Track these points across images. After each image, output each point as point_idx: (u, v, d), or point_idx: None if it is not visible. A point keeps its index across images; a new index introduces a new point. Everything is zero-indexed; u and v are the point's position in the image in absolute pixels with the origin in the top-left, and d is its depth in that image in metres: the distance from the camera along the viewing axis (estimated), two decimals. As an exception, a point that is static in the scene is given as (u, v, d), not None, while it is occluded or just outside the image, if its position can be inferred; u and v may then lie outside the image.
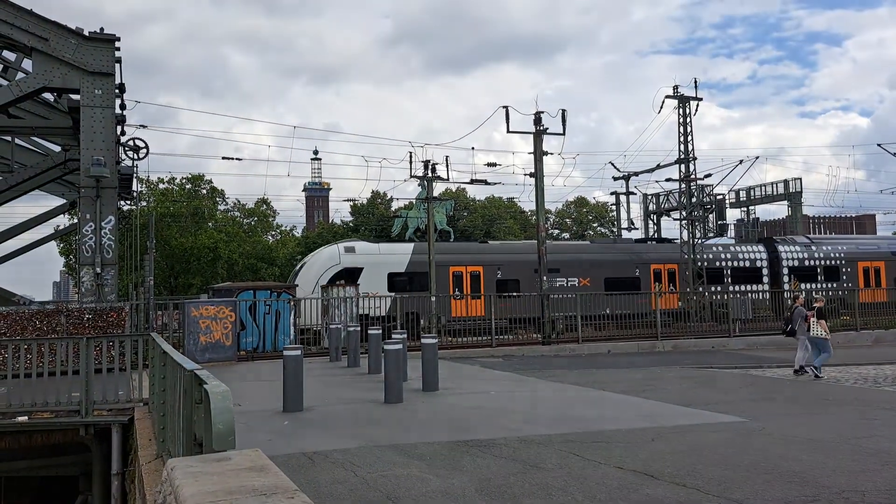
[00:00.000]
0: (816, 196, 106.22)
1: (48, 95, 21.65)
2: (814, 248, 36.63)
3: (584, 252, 34.02)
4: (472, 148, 52.94)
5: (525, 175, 30.05)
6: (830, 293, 32.59)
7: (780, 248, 35.97)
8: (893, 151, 40.77)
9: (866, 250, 37.86)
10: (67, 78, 18.17)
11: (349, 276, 28.36)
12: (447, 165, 31.71)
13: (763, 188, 51.57)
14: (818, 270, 36.07)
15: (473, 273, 30.74)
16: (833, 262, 36.40)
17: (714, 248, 35.52)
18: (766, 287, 34.07)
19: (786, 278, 35.07)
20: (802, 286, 33.74)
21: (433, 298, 26.62)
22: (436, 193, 33.33)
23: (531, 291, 26.65)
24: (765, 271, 35.40)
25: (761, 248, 36.08)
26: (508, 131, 26.20)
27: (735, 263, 34.94)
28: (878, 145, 42.15)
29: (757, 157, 38.16)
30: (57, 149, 24.64)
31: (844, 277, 36.00)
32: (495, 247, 34.16)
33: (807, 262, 35.99)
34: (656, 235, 42.51)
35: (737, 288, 32.86)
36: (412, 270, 30.04)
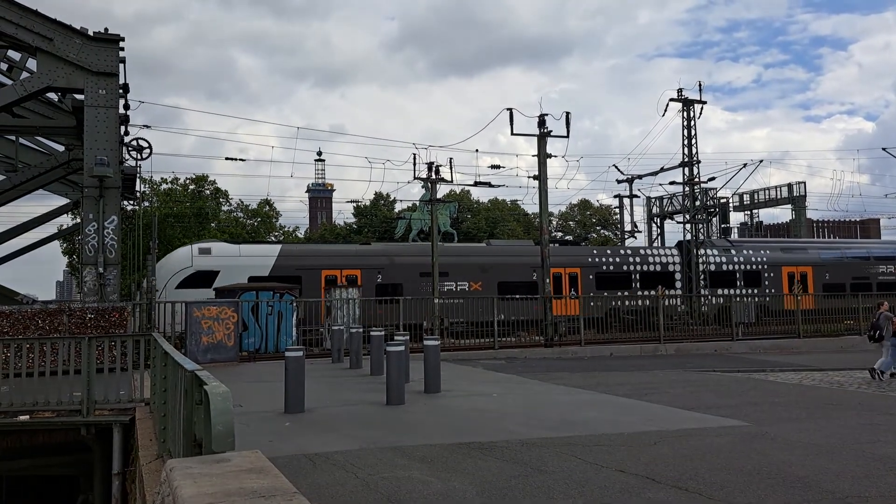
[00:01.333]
0: (821, 200, 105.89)
1: (52, 95, 21.69)
2: (733, 252, 35.27)
3: (476, 255, 32.25)
4: (476, 150, 53.15)
5: (529, 177, 30.06)
6: (748, 299, 31.81)
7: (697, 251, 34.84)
8: (898, 155, 40.73)
9: (793, 255, 36.45)
10: (71, 78, 18.19)
11: (203, 279, 26.19)
12: (451, 167, 31.70)
13: (767, 192, 51.62)
14: (737, 276, 34.77)
15: (350, 277, 28.81)
16: (754, 267, 35.03)
17: (621, 252, 34.21)
18: (679, 292, 32.96)
19: (701, 282, 33.92)
20: (719, 291, 32.70)
21: (437, 301, 26.59)
22: (439, 195, 33.28)
23: (415, 296, 25.65)
24: (678, 276, 34.09)
25: (674, 251, 34.83)
26: (512, 134, 26.27)
27: (645, 268, 33.58)
28: (884, 149, 42.12)
29: (761, 161, 37.95)
30: (61, 148, 24.69)
31: (767, 283, 34.62)
32: (377, 249, 32.46)
33: (725, 267, 34.62)
34: (659, 238, 42.37)
35: (646, 293, 31.61)
36: (277, 274, 27.58)
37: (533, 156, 26.20)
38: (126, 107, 20.88)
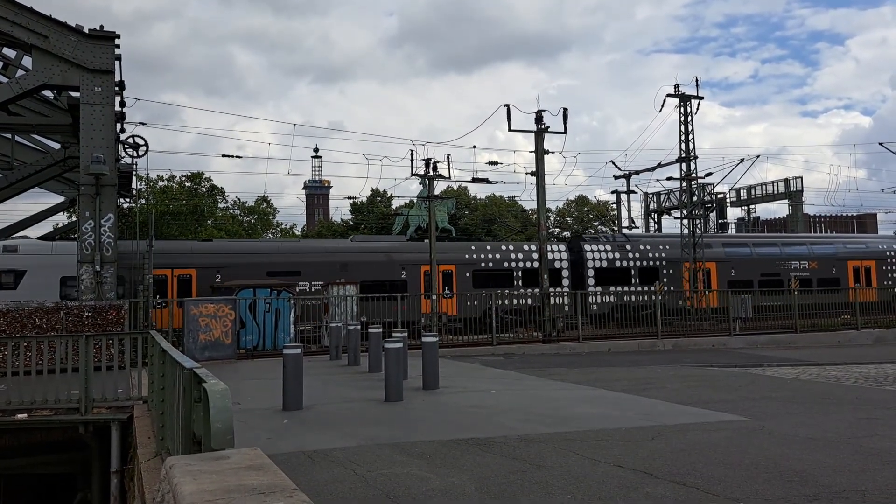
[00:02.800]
0: (818, 195, 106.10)
1: (48, 93, 21.65)
2: (629, 247, 33.55)
3: (336, 252, 29.75)
4: (474, 146, 52.92)
5: (527, 174, 30.02)
6: (644, 296, 30.05)
7: (587, 247, 32.98)
8: (895, 150, 40.77)
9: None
10: (67, 75, 18.16)
11: (7, 280, 24.07)
12: (448, 164, 31.69)
13: (764, 187, 51.67)
14: (632, 272, 32.89)
15: (183, 277, 26.91)
16: (651, 264, 33.27)
17: (503, 248, 32.22)
18: (567, 289, 30.99)
19: (591, 280, 32.04)
20: (611, 289, 30.46)
21: (434, 297, 26.62)
22: (437, 192, 33.23)
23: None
24: (565, 273, 32.18)
25: (562, 247, 33.09)
26: (510, 130, 26.23)
27: (528, 265, 31.37)
28: (880, 144, 42.27)
29: (758, 156, 38.09)
30: (57, 146, 24.65)
31: (665, 280, 32.77)
32: (221, 246, 30.01)
33: (618, 263, 32.84)
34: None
35: (528, 291, 29.39)
36: None
37: (530, 152, 26.23)
38: (122, 104, 20.87)
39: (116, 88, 19.11)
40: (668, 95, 34.27)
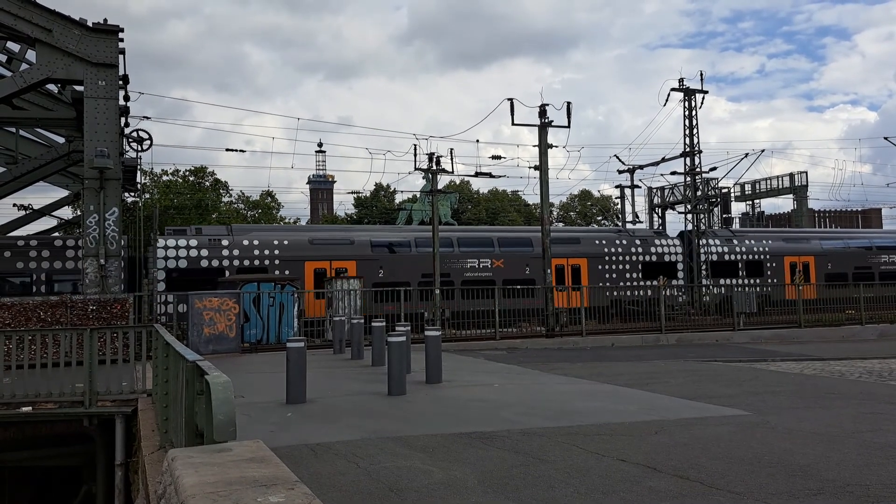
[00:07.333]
0: (823, 190, 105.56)
1: (52, 87, 21.66)
2: (224, 243, 27.54)
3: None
4: (477, 141, 53.07)
5: (530, 168, 29.92)
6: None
7: (159, 242, 26.73)
8: (900, 145, 40.48)
9: (323, 250, 28.89)
10: (71, 69, 18.17)
11: None
12: (452, 158, 31.65)
13: (769, 182, 51.47)
14: (229, 270, 27.01)
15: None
16: (258, 263, 27.70)
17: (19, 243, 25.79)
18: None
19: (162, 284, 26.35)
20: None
21: (437, 292, 26.63)
22: (440, 186, 33.19)
23: None
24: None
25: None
26: (513, 124, 26.21)
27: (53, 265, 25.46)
28: (885, 138, 41.94)
29: (762, 151, 37.91)
30: (61, 140, 24.68)
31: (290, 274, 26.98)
32: None
33: (213, 263, 27.01)
34: (660, 227, 42.12)
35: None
36: None
37: (534, 146, 26.18)
38: (126, 98, 20.87)
39: (120, 82, 19.13)
40: (673, 90, 34.19)
